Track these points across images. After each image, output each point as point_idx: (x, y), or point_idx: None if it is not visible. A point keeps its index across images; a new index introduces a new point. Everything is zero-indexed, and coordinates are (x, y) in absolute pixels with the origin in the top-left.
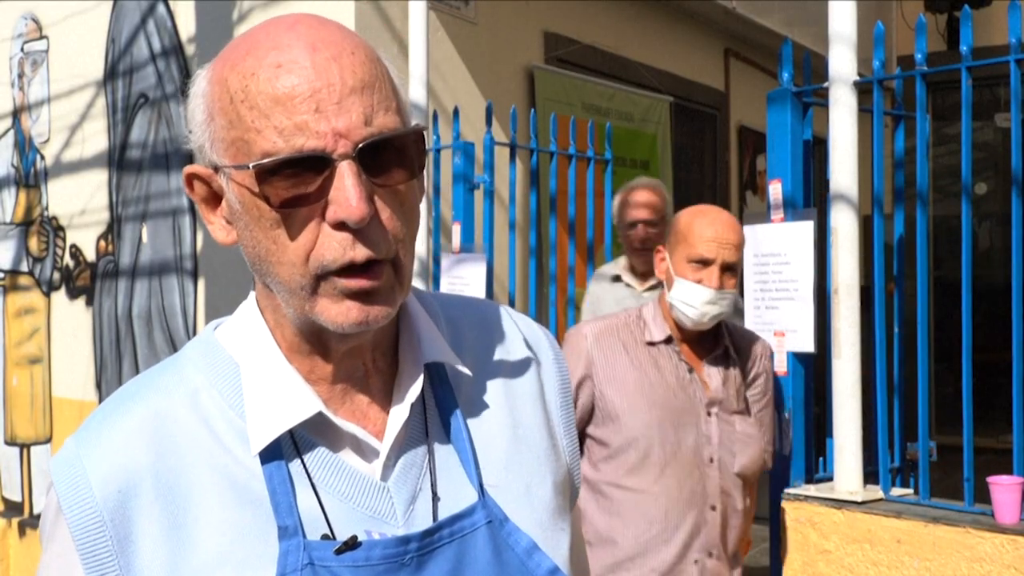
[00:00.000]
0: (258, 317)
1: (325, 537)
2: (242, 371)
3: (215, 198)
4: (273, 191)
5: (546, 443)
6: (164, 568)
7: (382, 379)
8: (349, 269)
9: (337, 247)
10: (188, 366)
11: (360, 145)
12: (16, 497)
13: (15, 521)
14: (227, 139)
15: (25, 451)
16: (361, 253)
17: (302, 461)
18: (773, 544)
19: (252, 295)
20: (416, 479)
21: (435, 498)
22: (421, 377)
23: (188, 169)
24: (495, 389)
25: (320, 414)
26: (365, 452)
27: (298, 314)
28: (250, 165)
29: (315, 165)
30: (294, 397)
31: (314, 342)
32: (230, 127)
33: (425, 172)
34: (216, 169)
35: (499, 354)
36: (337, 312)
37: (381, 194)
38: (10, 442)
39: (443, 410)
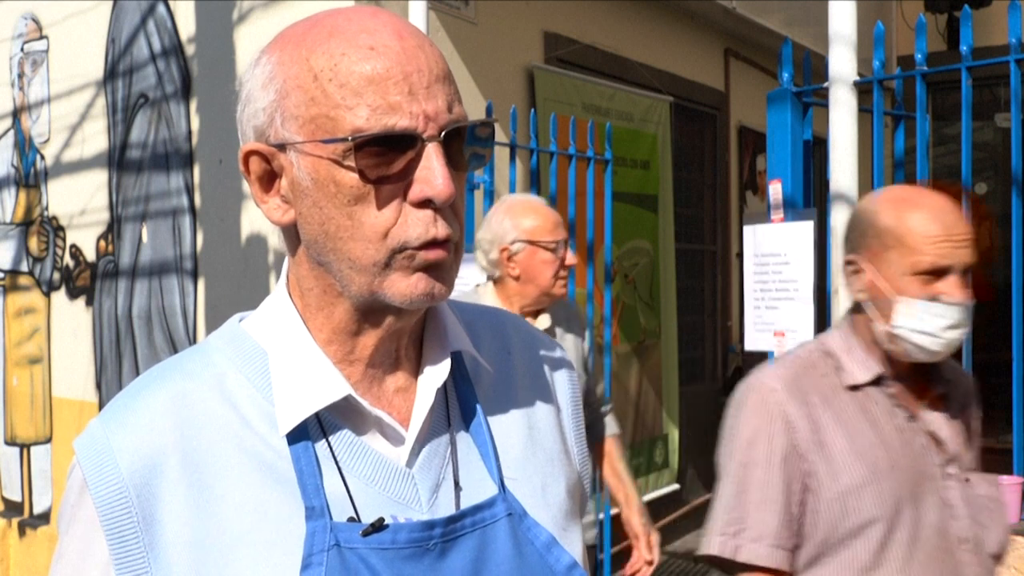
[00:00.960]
0: (288, 305)
1: (351, 519)
2: (270, 357)
3: (271, 177)
4: (364, 166)
5: (559, 447)
6: (189, 546)
7: (410, 367)
8: (427, 245)
9: (420, 225)
10: (213, 353)
11: (445, 129)
12: (16, 497)
13: (15, 521)
14: (305, 116)
15: (25, 451)
16: (443, 230)
17: (329, 444)
18: None
19: (280, 287)
20: (439, 468)
21: (457, 487)
22: (447, 363)
23: (248, 146)
24: (511, 391)
25: (347, 399)
26: (390, 438)
27: (362, 291)
28: (349, 138)
29: (404, 144)
30: (323, 380)
31: (363, 320)
32: (311, 104)
33: None
34: (282, 147)
35: (513, 359)
36: (406, 285)
37: (454, 178)
38: (10, 442)
39: (464, 403)
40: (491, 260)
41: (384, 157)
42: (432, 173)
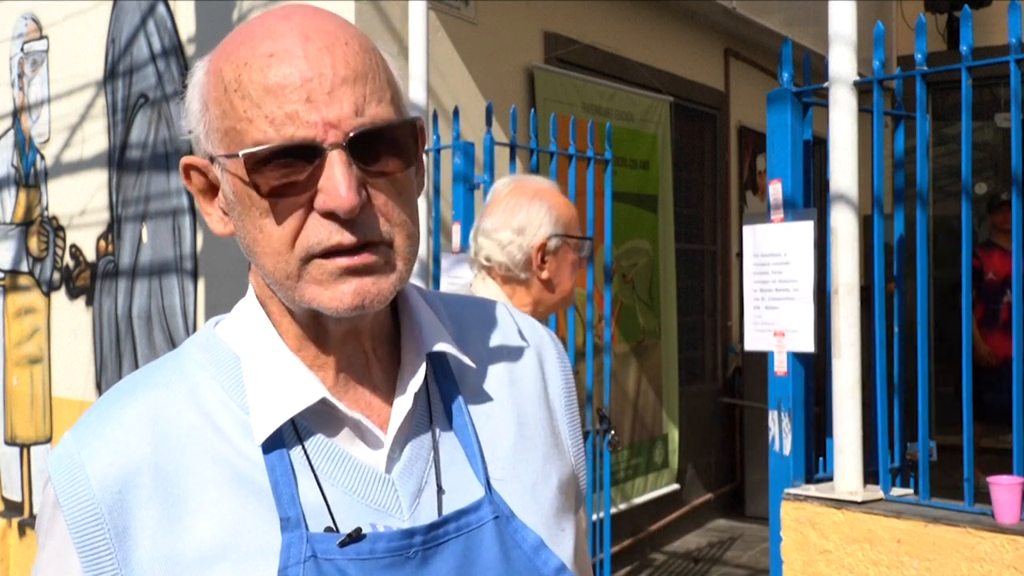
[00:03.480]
0: (258, 309)
1: (328, 529)
2: (243, 363)
3: (212, 189)
4: (263, 180)
5: (550, 442)
6: (163, 561)
7: (384, 369)
8: (336, 252)
9: (323, 231)
10: (187, 361)
11: (351, 135)
12: (16, 497)
13: (15, 521)
14: (221, 129)
15: (25, 451)
16: (348, 238)
17: (305, 452)
18: (773, 544)
19: (251, 290)
20: (422, 472)
21: (440, 491)
22: (423, 366)
23: (185, 160)
24: (500, 386)
25: (324, 403)
26: (369, 443)
27: (290, 302)
28: (240, 154)
29: (305, 154)
30: (297, 384)
31: (313, 327)
32: (223, 117)
33: (425, 171)
34: (212, 159)
35: (503, 352)
36: (330, 297)
37: (376, 183)
38: (10, 442)
39: (448, 403)
40: (517, 261)
41: (288, 168)
42: (333, 183)
